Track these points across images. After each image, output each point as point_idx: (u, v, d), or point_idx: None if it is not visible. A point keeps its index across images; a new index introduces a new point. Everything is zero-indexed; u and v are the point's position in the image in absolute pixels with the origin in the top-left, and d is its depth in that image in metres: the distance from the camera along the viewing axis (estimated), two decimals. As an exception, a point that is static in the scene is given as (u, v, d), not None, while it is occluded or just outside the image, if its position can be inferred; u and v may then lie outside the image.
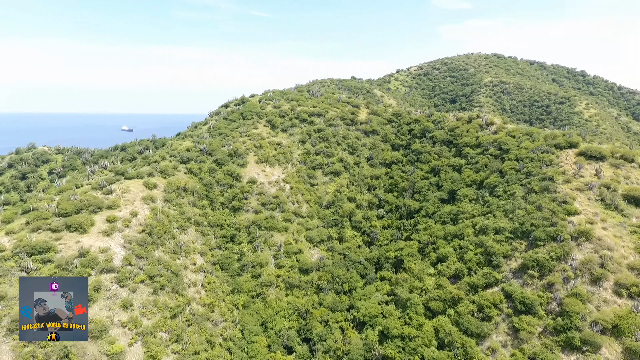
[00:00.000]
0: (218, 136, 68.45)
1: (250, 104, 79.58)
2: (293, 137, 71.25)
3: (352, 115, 76.85)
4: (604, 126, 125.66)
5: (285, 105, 78.73)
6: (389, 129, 76.23)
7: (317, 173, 66.34)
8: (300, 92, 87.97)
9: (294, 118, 74.63)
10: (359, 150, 70.96)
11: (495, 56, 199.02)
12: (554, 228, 36.98)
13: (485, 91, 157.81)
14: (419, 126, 73.20)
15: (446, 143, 67.23)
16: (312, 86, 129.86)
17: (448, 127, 69.34)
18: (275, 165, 64.22)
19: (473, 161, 58.52)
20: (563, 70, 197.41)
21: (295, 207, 59.32)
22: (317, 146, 69.97)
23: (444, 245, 45.79)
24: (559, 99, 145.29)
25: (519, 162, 49.57)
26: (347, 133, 73.13)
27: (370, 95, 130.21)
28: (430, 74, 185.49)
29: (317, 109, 77.19)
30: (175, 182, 54.95)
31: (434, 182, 61.34)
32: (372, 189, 66.30)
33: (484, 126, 65.37)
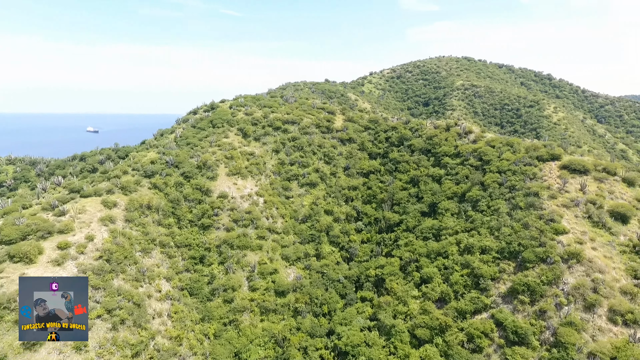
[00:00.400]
0: (186, 146, 64.04)
1: (220, 110, 75.40)
2: (266, 147, 67.72)
3: (327, 123, 74.06)
4: (571, 129, 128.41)
5: (258, 112, 75.05)
6: (366, 137, 73.95)
7: (293, 185, 63.16)
8: (273, 98, 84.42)
9: (267, 126, 71.11)
10: (335, 160, 68.25)
11: (465, 59, 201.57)
12: (542, 249, 35.46)
13: (458, 94, 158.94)
14: (397, 134, 71.28)
15: (425, 152, 65.53)
16: (285, 90, 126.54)
17: (426, 135, 67.69)
18: (247, 178, 60.56)
19: (453, 172, 56.91)
20: (530, 73, 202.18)
21: (270, 222, 55.91)
22: (292, 156, 66.77)
23: (427, 264, 43.66)
24: (528, 102, 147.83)
25: (501, 175, 48.16)
26: (323, 141, 70.27)
27: (345, 99, 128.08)
28: (403, 77, 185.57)
29: (292, 116, 73.95)
30: (138, 199, 50.45)
31: (413, 193, 59.37)
32: (349, 201, 63.72)
33: (462, 134, 64.04)
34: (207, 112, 76.94)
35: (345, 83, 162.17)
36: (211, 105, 79.05)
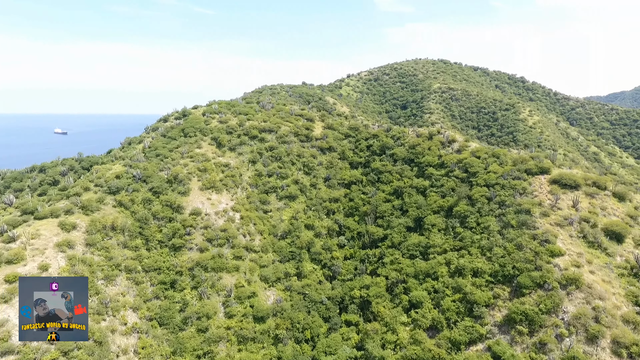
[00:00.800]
0: (155, 158, 59.62)
1: (192, 118, 71.09)
2: (242, 157, 63.99)
3: (306, 131, 70.92)
4: (547, 133, 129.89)
5: (233, 120, 71.16)
6: (347, 145, 71.26)
7: (271, 197, 59.74)
8: (249, 104, 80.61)
9: (243, 135, 67.37)
10: (315, 170, 65.23)
11: (442, 62, 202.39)
12: (539, 273, 33.61)
13: (435, 97, 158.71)
14: (378, 142, 68.89)
15: (407, 162, 63.36)
16: (261, 94, 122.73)
17: (408, 144, 65.57)
18: (222, 192, 56.74)
19: (438, 184, 54.88)
20: (504, 76, 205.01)
21: (247, 240, 52.36)
22: (270, 166, 63.33)
23: (416, 286, 41.26)
24: (504, 105, 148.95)
25: (489, 189, 46.35)
26: (302, 151, 67.11)
27: (323, 102, 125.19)
28: (380, 79, 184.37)
29: (269, 124, 70.44)
30: (101, 219, 46.02)
31: (397, 206, 57.04)
32: (331, 214, 60.83)
33: (446, 143, 62.22)
34: (178, 120, 72.51)
35: (322, 86, 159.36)
36: (183, 112, 74.60)
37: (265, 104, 78.71)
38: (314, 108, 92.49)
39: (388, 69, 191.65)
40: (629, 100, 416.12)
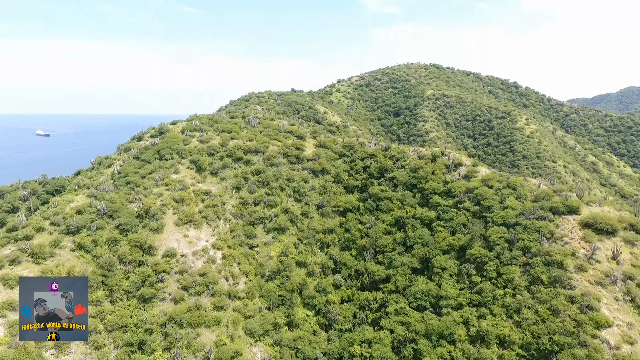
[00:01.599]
0: (125, 187, 52.45)
1: (170, 136, 63.94)
2: (225, 183, 57.16)
3: (297, 151, 64.33)
4: (545, 143, 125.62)
5: (215, 139, 64.22)
6: (341, 166, 64.88)
7: (257, 230, 53.05)
8: (234, 119, 73.66)
9: (226, 156, 60.50)
10: (307, 196, 58.68)
11: (434, 67, 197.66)
12: (584, 351, 27.85)
13: (429, 104, 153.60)
14: (376, 163, 62.66)
15: (409, 187, 57.25)
16: (248, 102, 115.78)
17: (409, 166, 59.46)
18: (202, 226, 49.87)
19: (446, 216, 48.85)
20: (497, 81, 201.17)
21: (230, 284, 45.60)
22: (256, 193, 56.60)
23: (428, 349, 35.09)
24: (499, 113, 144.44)
25: (509, 230, 40.47)
26: (292, 174, 60.51)
27: (313, 111, 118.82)
28: (372, 85, 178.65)
29: (255, 144, 63.69)
30: (55, 269, 38.86)
31: (400, 240, 50.87)
32: (325, 247, 54.40)
33: (451, 167, 56.32)
34: (154, 138, 65.25)
35: (312, 92, 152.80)
36: (159, 130, 67.35)
37: (251, 120, 71.88)
38: (305, 122, 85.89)
39: (379, 73, 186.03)
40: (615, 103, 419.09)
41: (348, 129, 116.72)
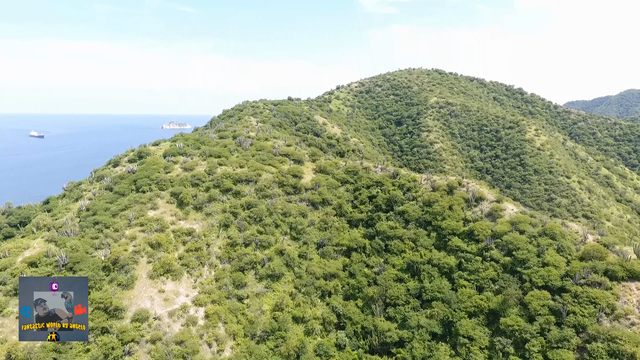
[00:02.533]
0: (92, 228, 44.78)
1: (150, 162, 56.28)
2: (211, 219, 49.60)
3: (294, 179, 56.79)
4: (557, 156, 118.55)
5: (201, 165, 56.64)
6: (344, 195, 57.42)
7: (248, 277, 45.51)
8: (223, 139, 65.98)
9: (213, 187, 52.92)
10: (305, 234, 51.20)
11: (436, 72, 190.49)
12: None
13: (432, 113, 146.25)
14: (384, 194, 55.26)
15: (423, 224, 49.89)
16: (242, 112, 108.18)
17: (422, 199, 52.11)
18: (181, 276, 42.32)
19: (469, 266, 41.47)
20: (502, 87, 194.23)
21: (213, 352, 38.04)
22: (247, 231, 49.09)
23: None
24: (507, 123, 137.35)
25: (554, 297, 33.18)
26: (289, 207, 52.97)
27: (311, 123, 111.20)
28: (372, 91, 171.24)
29: (246, 171, 56.11)
30: (-9, 349, 31.24)
31: (414, 291, 43.43)
32: (326, 296, 46.92)
33: (472, 202, 48.98)
34: (132, 164, 57.61)
35: (310, 101, 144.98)
36: (139, 153, 59.61)
37: (243, 141, 64.22)
38: (302, 142, 78.28)
39: (380, 79, 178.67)
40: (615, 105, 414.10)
41: (349, 142, 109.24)
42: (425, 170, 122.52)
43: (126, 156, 60.34)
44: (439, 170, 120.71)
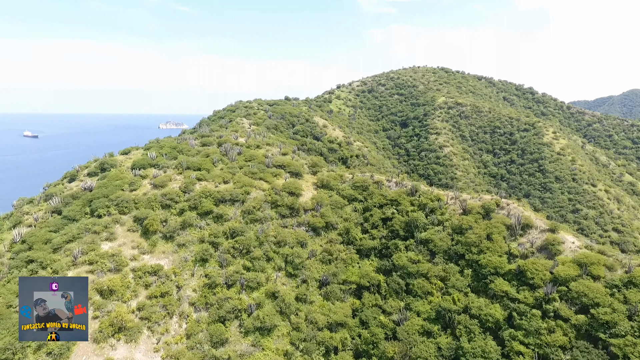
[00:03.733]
0: (25, 268, 34.08)
1: (113, 176, 45.55)
2: (185, 252, 38.94)
3: (290, 197, 46.09)
4: (580, 162, 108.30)
5: (176, 181, 45.97)
6: (352, 216, 46.84)
7: (230, 329, 34.88)
8: (206, 148, 55.22)
9: (189, 209, 42.24)
10: (304, 269, 40.58)
11: (443, 70, 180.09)
12: None
13: (441, 114, 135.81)
14: (401, 216, 44.74)
15: (453, 257, 39.39)
16: (234, 114, 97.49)
17: (451, 224, 41.61)
18: (139, 336, 31.64)
19: (525, 323, 30.95)
20: (511, 87, 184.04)
21: None
22: (231, 267, 38.47)
23: None
24: (522, 125, 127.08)
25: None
26: (284, 234, 42.32)
27: (310, 125, 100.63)
28: (375, 91, 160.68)
29: (231, 188, 45.46)
30: None
31: (447, 350, 32.93)
32: (332, 352, 36.31)
33: (516, 229, 38.50)
34: (92, 178, 46.89)
35: (309, 101, 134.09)
36: (102, 165, 48.78)
37: (229, 149, 53.41)
38: (301, 147, 67.68)
39: (383, 78, 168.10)
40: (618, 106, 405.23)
41: (352, 146, 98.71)
42: (434, 176, 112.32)
43: (86, 168, 49.56)
44: (449, 177, 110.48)
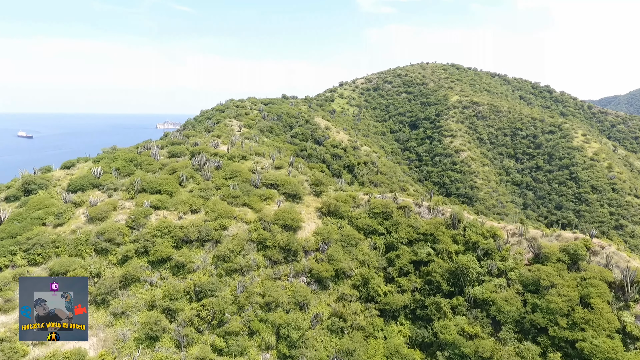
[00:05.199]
0: None
1: (34, 203, 32.08)
2: (124, 326, 25.49)
3: (285, 234, 32.57)
4: (617, 169, 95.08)
5: (122, 210, 32.46)
6: (370, 258, 33.42)
7: None
8: (174, 160, 41.79)
9: (137, 255, 28.75)
10: (305, 348, 27.20)
11: (454, 67, 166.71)
12: None
13: (455, 114, 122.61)
14: (441, 260, 31.43)
15: (530, 332, 26.05)
16: (223, 114, 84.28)
17: (518, 276, 28.30)
18: None
19: None
20: (527, 84, 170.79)
21: None
22: (193, 350, 25.12)
23: None
24: (546, 126, 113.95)
25: None
26: (275, 292, 28.90)
27: (311, 127, 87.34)
28: (381, 89, 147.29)
29: (201, 221, 31.97)
30: None
31: None
32: None
33: (627, 289, 25.21)
34: (11, 203, 33.44)
35: (309, 99, 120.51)
36: (25, 185, 35.23)
37: (204, 162, 39.84)
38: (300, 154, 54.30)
39: (390, 75, 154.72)
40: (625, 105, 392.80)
41: (359, 151, 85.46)
42: (451, 185, 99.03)
43: (7, 189, 36.06)
44: (469, 186, 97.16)
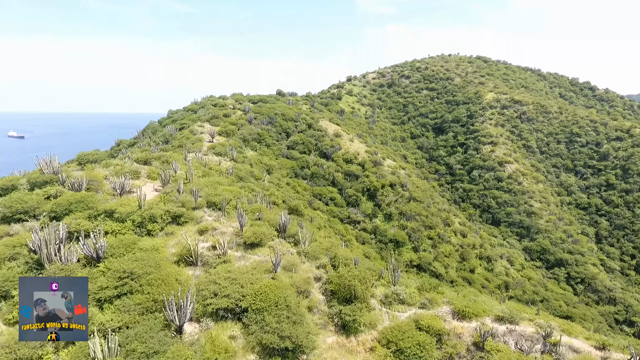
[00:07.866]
0: None
1: None
2: None
3: None
4: None
5: None
6: None
7: None
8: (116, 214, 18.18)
9: None
10: None
11: (480, 59, 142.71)
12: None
13: (492, 115, 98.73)
14: None
15: None
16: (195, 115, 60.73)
17: None
18: None
19: None
20: (564, 80, 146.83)
21: None
22: None
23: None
24: (611, 131, 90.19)
25: None
26: None
27: (316, 134, 63.48)
28: (397, 84, 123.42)
29: None
30: None
31: None
32: None
33: None
34: None
35: (312, 97, 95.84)
36: None
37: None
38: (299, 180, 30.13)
39: (407, 68, 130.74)
40: None
41: (382, 168, 61.67)
42: (498, 210, 75.08)
43: None
44: (523, 211, 73.38)
